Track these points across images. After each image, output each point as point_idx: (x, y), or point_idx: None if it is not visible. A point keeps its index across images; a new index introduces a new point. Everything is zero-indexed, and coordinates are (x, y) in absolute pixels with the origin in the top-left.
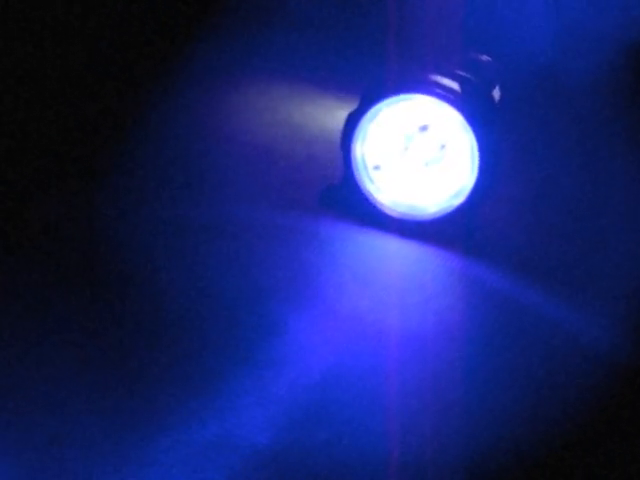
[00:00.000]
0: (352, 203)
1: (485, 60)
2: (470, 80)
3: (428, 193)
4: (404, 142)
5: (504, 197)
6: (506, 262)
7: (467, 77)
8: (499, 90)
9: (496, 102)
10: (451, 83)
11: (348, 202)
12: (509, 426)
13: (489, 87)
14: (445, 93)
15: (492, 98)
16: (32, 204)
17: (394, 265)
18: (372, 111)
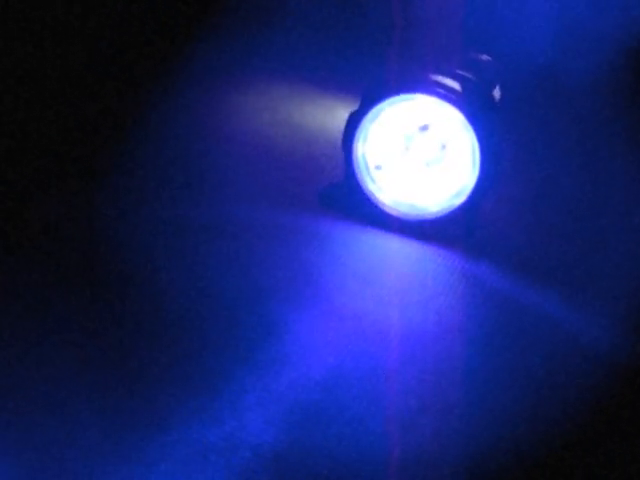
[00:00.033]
0: (353, 203)
1: (485, 60)
2: (471, 80)
3: (429, 193)
4: (405, 142)
5: (505, 197)
6: (507, 262)
7: (468, 77)
8: (499, 90)
9: (496, 102)
10: (452, 83)
11: (349, 202)
12: (509, 426)
13: (489, 87)
14: (446, 93)
15: (492, 98)
16: (32, 204)
17: (395, 265)
18: (373, 111)
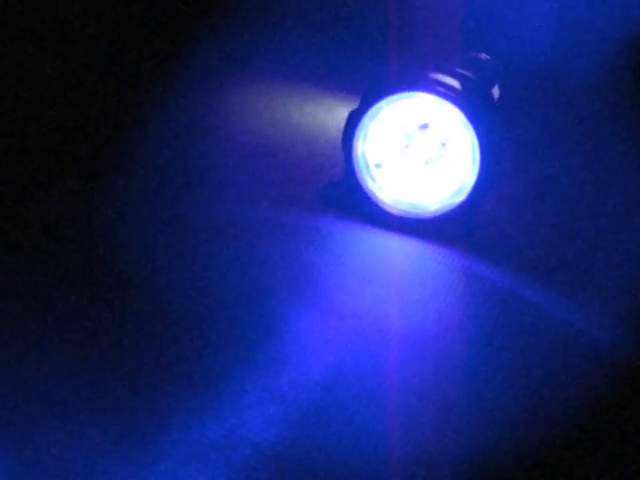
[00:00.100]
0: (353, 201)
1: (484, 59)
2: (470, 78)
3: (429, 191)
4: (405, 140)
5: (505, 196)
6: (507, 260)
7: (467, 75)
8: (498, 89)
9: (496, 101)
10: (452, 81)
11: (349, 200)
12: (509, 425)
13: (489, 85)
14: (446, 91)
15: (492, 96)
16: (32, 204)
17: (395, 263)
18: (373, 109)
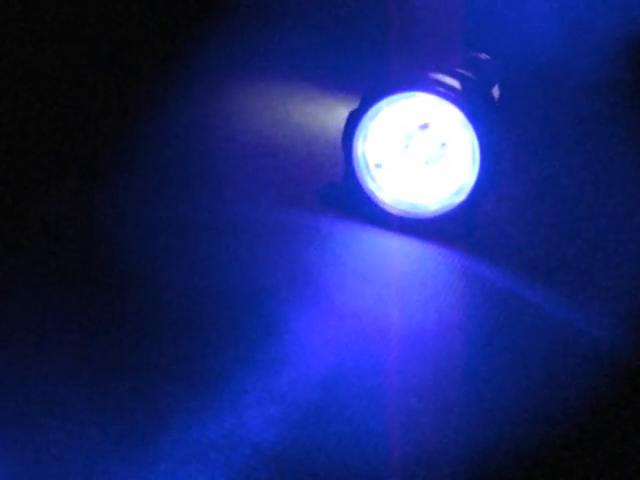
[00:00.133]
0: (353, 201)
1: (484, 59)
2: (470, 78)
3: (429, 191)
4: (405, 140)
5: (505, 196)
6: (507, 261)
7: (467, 75)
8: (498, 89)
9: (495, 100)
10: (452, 81)
11: (349, 200)
12: (509, 425)
13: (489, 86)
14: (446, 91)
15: (492, 96)
16: (32, 204)
17: (395, 263)
18: (373, 109)
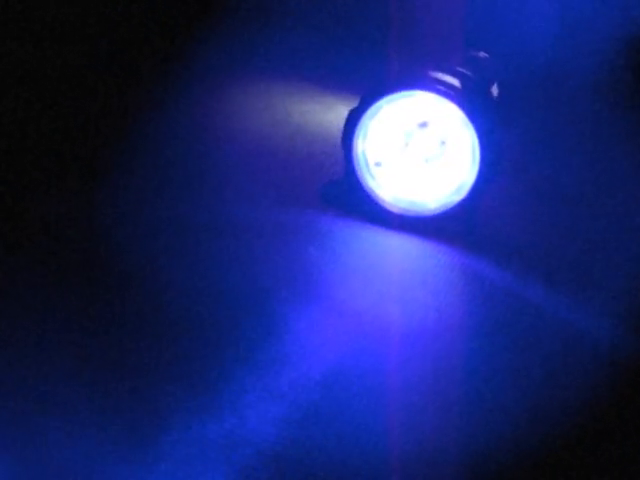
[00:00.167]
0: (353, 200)
1: (483, 57)
2: (469, 77)
3: (429, 189)
4: (404, 139)
5: (505, 195)
6: (507, 260)
7: (467, 74)
8: (497, 87)
9: (494, 99)
10: (451, 79)
11: (349, 199)
12: (509, 424)
13: (488, 84)
14: (445, 89)
15: (491, 95)
16: (32, 204)
17: (395, 261)
18: (373, 108)
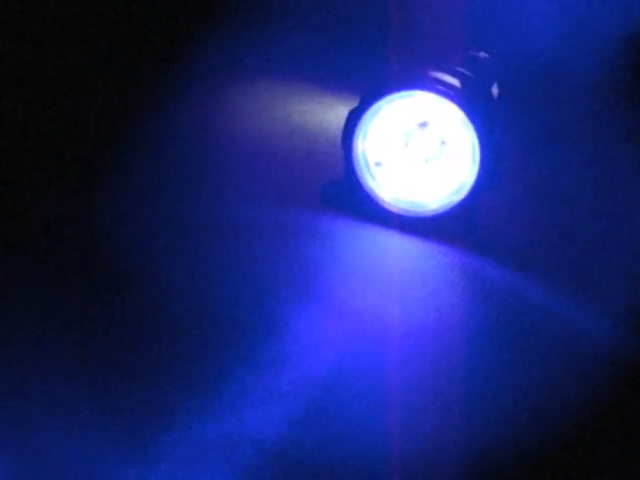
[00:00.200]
0: (353, 200)
1: (483, 57)
2: (469, 77)
3: (429, 189)
4: (404, 139)
5: (505, 195)
6: (507, 259)
7: (467, 74)
8: (497, 87)
9: (495, 99)
10: (451, 79)
11: (349, 199)
12: (509, 425)
13: (488, 84)
14: (446, 89)
15: (491, 95)
16: (32, 204)
17: (395, 261)
18: (373, 108)
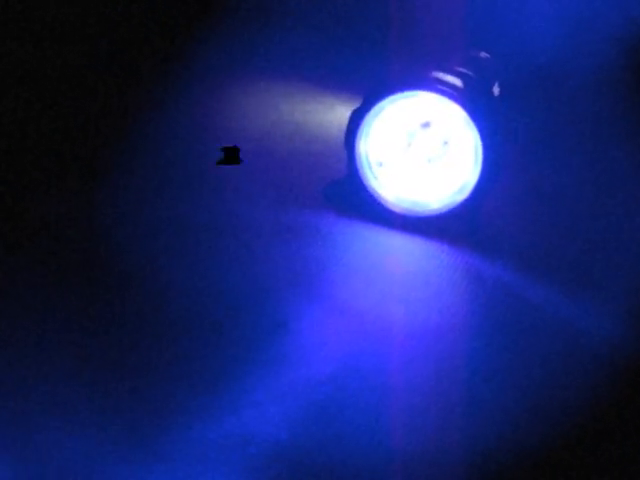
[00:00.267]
0: (356, 199)
1: (484, 57)
2: (471, 77)
3: (431, 189)
4: (407, 139)
5: (506, 195)
6: (509, 259)
7: (468, 74)
8: (498, 87)
9: (496, 99)
10: (453, 80)
11: (352, 199)
12: (510, 425)
13: (489, 84)
14: (448, 89)
15: (493, 95)
16: (32, 204)
17: (397, 261)
18: (376, 108)
